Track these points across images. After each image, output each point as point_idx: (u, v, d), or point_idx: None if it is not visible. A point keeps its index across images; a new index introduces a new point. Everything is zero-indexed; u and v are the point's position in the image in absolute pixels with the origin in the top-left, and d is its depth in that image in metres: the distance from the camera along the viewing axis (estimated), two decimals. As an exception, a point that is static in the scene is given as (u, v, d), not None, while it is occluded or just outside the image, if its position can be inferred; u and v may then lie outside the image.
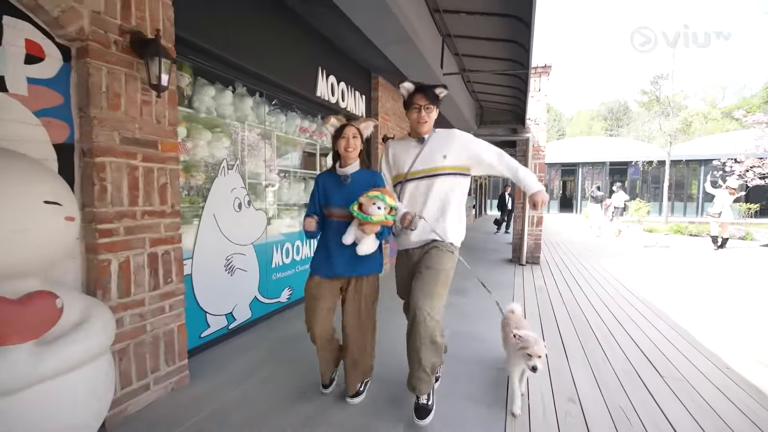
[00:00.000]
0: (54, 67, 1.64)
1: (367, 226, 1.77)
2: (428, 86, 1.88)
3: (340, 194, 1.92)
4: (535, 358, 1.78)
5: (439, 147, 1.92)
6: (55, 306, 1.27)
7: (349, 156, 1.91)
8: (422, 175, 1.92)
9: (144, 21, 1.88)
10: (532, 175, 1.92)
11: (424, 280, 1.82)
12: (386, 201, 1.75)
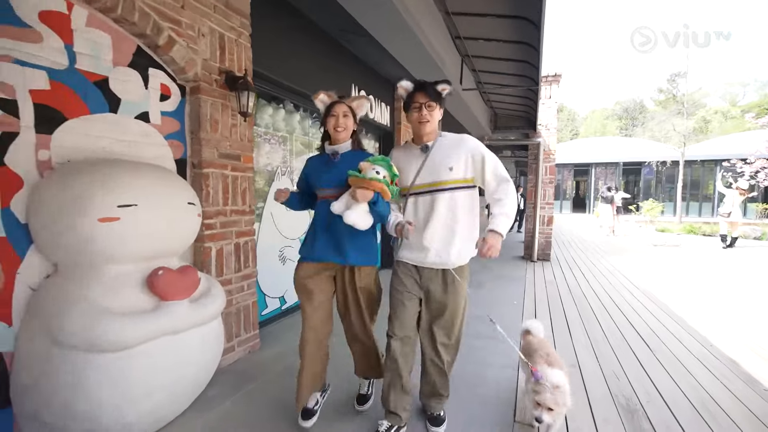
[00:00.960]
0: (175, 102, 2.18)
1: (359, 190, 1.52)
2: (429, 83, 1.67)
3: (329, 174, 1.72)
4: (543, 409, 1.49)
5: (445, 157, 1.66)
6: (197, 276, 1.80)
7: (338, 136, 1.72)
8: (426, 189, 1.68)
9: (234, 62, 2.42)
10: (507, 219, 1.61)
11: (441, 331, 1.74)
12: (390, 169, 1.58)
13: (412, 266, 1.74)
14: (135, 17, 1.82)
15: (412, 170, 1.71)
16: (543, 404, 1.50)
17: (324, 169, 1.75)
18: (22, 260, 1.55)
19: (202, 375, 1.90)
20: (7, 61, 1.48)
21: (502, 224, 1.58)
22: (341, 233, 1.67)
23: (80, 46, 1.70)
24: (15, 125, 1.51)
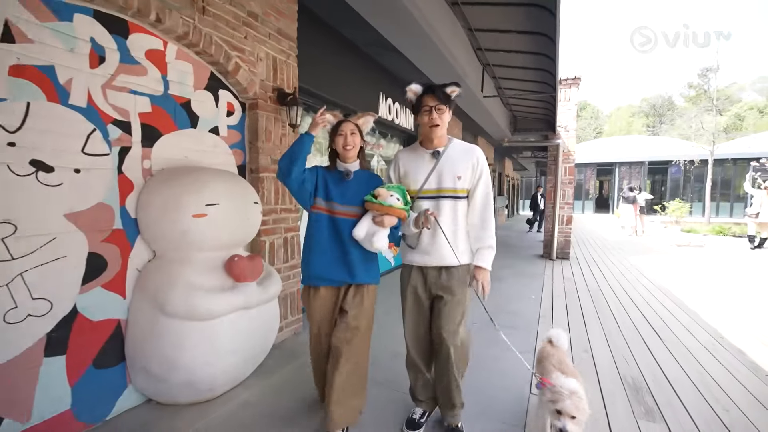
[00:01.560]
0: (238, 116, 2.58)
1: (386, 217, 1.62)
2: (438, 86, 1.66)
3: (342, 192, 1.73)
4: (567, 417, 1.36)
5: (454, 166, 1.69)
6: (262, 263, 2.18)
7: (348, 154, 1.74)
8: (435, 194, 1.71)
9: (284, 80, 2.80)
10: (491, 252, 1.69)
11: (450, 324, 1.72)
12: (404, 195, 1.66)
13: (418, 268, 1.78)
14: (212, 49, 2.22)
15: (422, 174, 1.72)
16: (565, 412, 1.35)
17: (337, 185, 1.74)
18: (132, 248, 1.96)
19: (264, 345, 2.28)
20: (125, 92, 1.89)
21: (487, 258, 1.66)
22: (352, 253, 1.70)
23: (172, 75, 2.11)
24: (128, 141, 1.92)
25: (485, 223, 1.70)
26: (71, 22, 1.66)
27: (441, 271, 1.74)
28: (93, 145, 1.77)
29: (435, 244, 1.70)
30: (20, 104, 1.52)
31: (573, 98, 6.54)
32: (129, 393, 1.98)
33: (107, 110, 1.82)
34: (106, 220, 1.84)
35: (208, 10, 2.18)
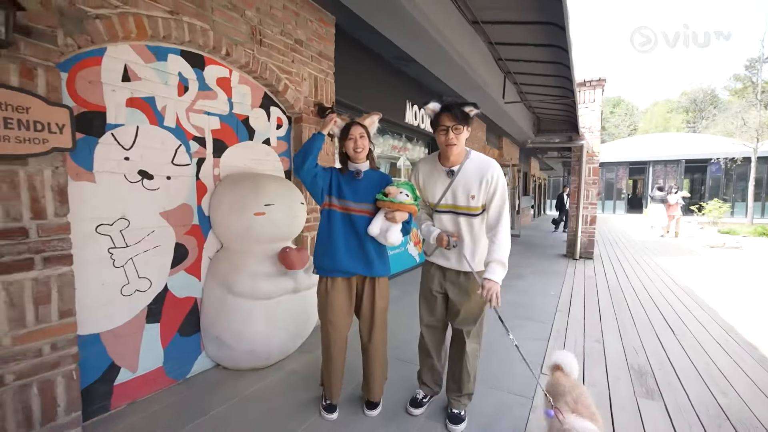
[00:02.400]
0: (285, 129, 2.99)
1: (398, 213, 1.76)
2: (455, 104, 1.67)
3: (353, 190, 1.87)
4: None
5: (468, 185, 1.74)
6: (308, 254, 2.58)
7: (358, 157, 1.86)
8: (450, 209, 1.82)
9: (323, 96, 3.19)
10: (502, 268, 1.69)
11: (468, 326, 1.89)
12: (412, 190, 1.80)
13: (438, 266, 1.92)
14: (266, 74, 2.64)
15: (438, 190, 1.82)
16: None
17: (349, 184, 1.87)
18: (206, 239, 2.40)
19: (307, 326, 2.68)
20: (202, 113, 2.33)
21: (498, 273, 1.66)
22: (369, 248, 1.85)
23: (235, 97, 2.54)
24: (204, 153, 2.36)
25: (497, 237, 1.70)
26: (166, 61, 2.12)
27: (459, 274, 1.87)
28: (179, 157, 2.22)
29: (454, 253, 1.83)
30: (132, 127, 1.98)
31: (597, 100, 6.61)
32: (202, 358, 2.43)
33: (189, 129, 2.27)
34: (187, 217, 2.29)
35: (264, 41, 2.59)
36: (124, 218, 1.97)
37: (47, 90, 1.55)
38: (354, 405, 2.09)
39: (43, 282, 1.58)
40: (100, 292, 1.89)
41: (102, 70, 1.85)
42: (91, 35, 1.71)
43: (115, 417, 1.94)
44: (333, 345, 1.92)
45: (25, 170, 1.51)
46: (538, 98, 5.79)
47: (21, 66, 1.48)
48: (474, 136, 7.15)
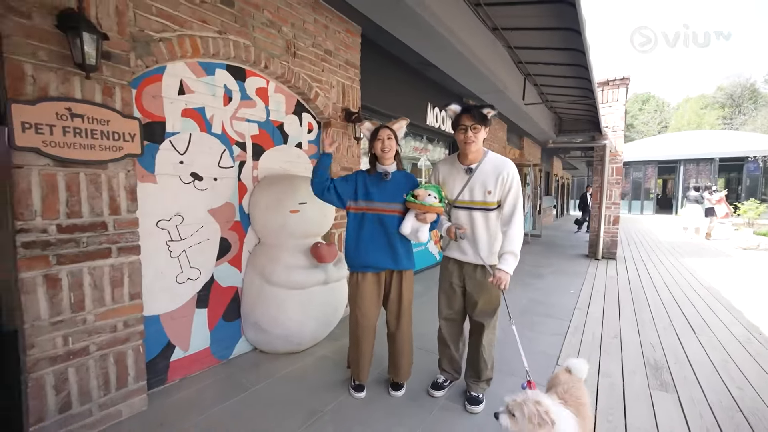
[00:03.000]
0: (315, 133, 3.23)
1: (427, 214, 1.91)
2: (474, 106, 1.83)
3: (381, 191, 2.01)
4: (506, 411, 1.36)
5: (485, 180, 1.89)
6: (336, 249, 2.79)
7: (385, 156, 2.00)
8: (468, 205, 1.96)
9: (350, 101, 3.41)
10: (514, 259, 1.85)
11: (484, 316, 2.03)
12: (439, 192, 1.94)
13: (456, 261, 2.07)
14: (299, 83, 2.87)
15: (456, 187, 1.97)
16: (508, 407, 1.36)
17: (376, 185, 2.00)
18: (246, 234, 2.66)
19: (336, 316, 2.89)
20: (243, 121, 2.58)
21: (509, 264, 1.83)
22: (397, 244, 2.00)
23: (271, 105, 2.79)
24: (244, 157, 2.61)
25: (511, 231, 1.87)
26: (214, 75, 2.38)
27: (476, 268, 2.00)
28: (224, 161, 2.47)
29: (470, 247, 1.98)
30: (186, 135, 2.25)
31: (621, 99, 6.55)
32: (242, 342, 2.68)
33: (233, 135, 2.52)
34: (230, 214, 2.55)
35: (297, 53, 2.83)
36: (179, 215, 2.24)
37: (122, 105, 1.82)
38: (380, 387, 2.28)
39: (118, 268, 1.85)
40: (159, 279, 2.16)
41: (163, 86, 2.12)
42: (156, 56, 1.97)
43: (171, 389, 2.21)
44: (362, 331, 2.10)
45: (106, 173, 1.79)
46: (559, 99, 5.82)
47: (103, 85, 1.75)
48: (494, 136, 7.22)
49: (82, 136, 1.67)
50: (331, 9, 3.09)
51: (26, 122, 1.51)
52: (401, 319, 2.13)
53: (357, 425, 1.92)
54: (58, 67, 1.61)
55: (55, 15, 1.57)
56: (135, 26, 1.87)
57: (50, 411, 1.66)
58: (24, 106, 1.51)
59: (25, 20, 1.51)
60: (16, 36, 1.49)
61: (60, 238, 1.66)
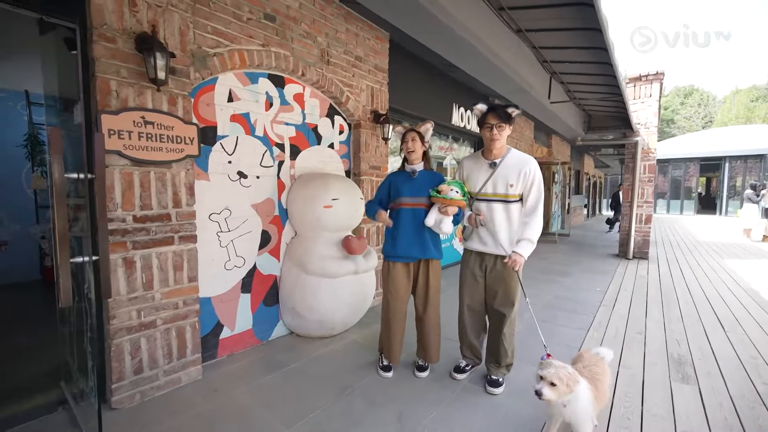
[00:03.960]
0: (346, 134, 3.45)
1: (449, 207, 2.05)
2: (500, 106, 1.98)
3: (410, 187, 2.23)
4: (546, 382, 1.48)
5: (508, 174, 2.03)
6: (366, 242, 3.00)
7: (411, 157, 2.24)
8: (491, 198, 2.08)
9: (378, 104, 3.61)
10: (531, 245, 2.00)
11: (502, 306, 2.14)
12: (462, 188, 2.08)
13: (477, 252, 2.21)
14: (332, 88, 3.10)
15: (480, 180, 2.11)
16: (546, 378, 1.47)
17: (406, 183, 2.25)
18: (284, 227, 2.92)
19: (365, 304, 3.10)
20: (282, 124, 2.84)
21: (525, 248, 1.98)
22: (425, 236, 2.21)
23: (307, 109, 3.04)
24: (283, 157, 2.87)
25: (531, 221, 2.01)
26: (257, 84, 2.64)
27: (496, 259, 2.12)
28: (265, 160, 2.74)
29: (490, 237, 2.11)
30: (233, 138, 2.53)
31: (654, 94, 6.37)
32: (279, 326, 2.95)
33: (273, 137, 2.78)
34: (271, 209, 2.81)
35: (330, 61, 3.06)
36: (227, 209, 2.52)
37: (183, 112, 2.11)
38: (407, 369, 2.46)
39: (179, 254, 2.14)
40: (210, 266, 2.45)
41: (215, 95, 2.40)
42: (210, 69, 2.25)
43: (219, 363, 2.50)
44: (393, 314, 2.30)
45: (170, 172, 2.08)
46: (587, 97, 5.77)
47: (169, 96, 2.04)
48: (521, 135, 7.21)
49: (152, 140, 1.96)
50: (362, 18, 3.30)
51: (111, 129, 1.81)
52: (428, 304, 2.31)
53: (383, 398, 2.11)
54: (135, 82, 1.90)
55: (134, 39, 1.87)
56: (194, 44, 2.15)
57: (127, 372, 1.96)
58: (110, 116, 1.81)
59: (112, 44, 1.81)
60: (104, 58, 1.79)
61: (135, 227, 1.96)
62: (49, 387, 2.12)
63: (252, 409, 2.00)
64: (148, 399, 2.04)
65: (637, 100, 6.52)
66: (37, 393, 2.07)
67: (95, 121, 1.79)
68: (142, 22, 1.92)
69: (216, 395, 2.13)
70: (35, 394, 2.06)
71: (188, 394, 2.12)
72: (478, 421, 1.93)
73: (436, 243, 2.30)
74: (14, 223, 4.38)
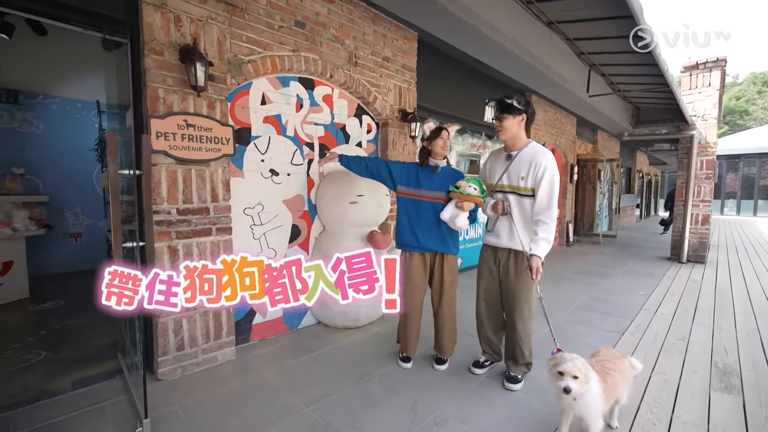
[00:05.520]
0: (374, 133, 3.56)
1: (465, 203, 2.11)
2: (500, 98, 2.05)
3: (431, 182, 2.28)
4: (569, 377, 1.46)
5: (521, 167, 2.04)
6: (390, 237, 3.08)
7: (442, 154, 2.30)
8: (506, 189, 2.12)
9: (406, 102, 3.68)
10: (547, 244, 1.95)
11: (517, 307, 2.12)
12: (480, 185, 2.11)
13: (492, 247, 2.23)
14: (360, 89, 3.22)
15: (498, 172, 2.16)
16: (567, 372, 1.46)
17: (427, 177, 2.29)
18: (312, 222, 3.08)
19: (389, 297, 3.18)
20: (311, 124, 3.00)
21: (542, 248, 1.93)
22: (442, 229, 2.25)
23: (336, 109, 3.18)
24: (312, 155, 3.03)
25: (544, 218, 1.96)
26: (288, 87, 2.82)
27: (510, 254, 2.13)
28: (296, 159, 2.91)
29: (504, 230, 2.12)
30: (266, 138, 2.72)
31: (714, 83, 5.82)
32: (307, 316, 3.11)
33: (303, 137, 2.95)
34: (300, 205, 2.98)
35: (358, 62, 3.18)
36: (260, 204, 2.72)
37: (221, 115, 2.32)
38: (425, 361, 2.51)
39: (216, 244, 2.36)
40: (245, 256, 2.65)
41: (249, 98, 2.60)
42: (245, 75, 2.45)
43: (252, 347, 2.71)
44: (409, 305, 2.34)
45: (209, 169, 2.29)
46: (632, 88, 5.42)
47: (208, 101, 2.26)
48: (562, 130, 6.91)
49: (194, 140, 2.18)
50: (390, 19, 3.38)
51: (159, 131, 2.05)
52: (443, 297, 2.35)
53: (400, 386, 2.18)
54: (179, 89, 2.14)
55: (178, 50, 2.10)
56: (230, 52, 2.36)
57: (171, 348, 2.21)
58: (157, 120, 2.05)
59: (160, 57, 2.05)
60: (154, 69, 2.03)
61: (178, 219, 2.19)
62: (110, 357, 2.44)
63: (278, 389, 2.16)
64: (188, 373, 2.28)
65: (693, 90, 6.00)
66: (102, 361, 2.39)
67: (146, 125, 2.04)
68: (185, 35, 2.14)
69: (247, 374, 2.32)
70: (100, 362, 2.38)
71: (223, 372, 2.34)
72: (492, 414, 1.94)
73: (453, 238, 2.34)
74: (87, 218, 4.99)
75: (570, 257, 6.46)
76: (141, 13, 2.00)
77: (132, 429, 1.72)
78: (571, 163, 7.44)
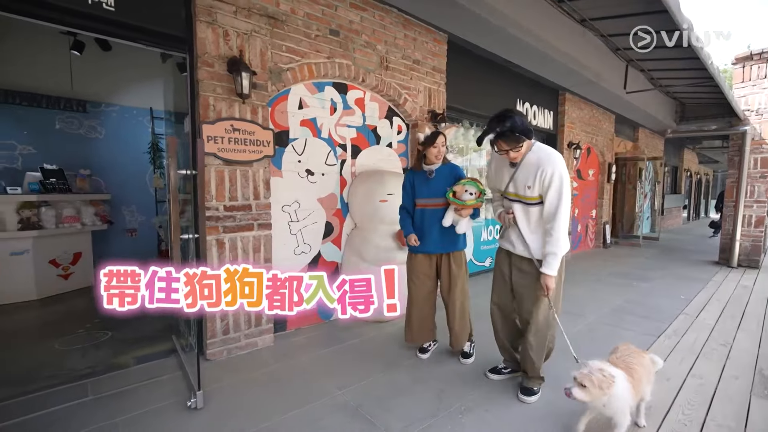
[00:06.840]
0: (404, 134, 3.67)
1: (464, 210, 2.12)
2: (506, 132, 1.79)
3: (427, 188, 2.31)
4: (576, 384, 1.49)
5: (527, 176, 1.90)
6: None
7: (436, 160, 2.31)
8: (513, 197, 2.01)
9: (435, 104, 3.76)
10: (556, 260, 1.85)
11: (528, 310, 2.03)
12: (477, 187, 2.07)
13: (506, 251, 2.13)
14: (391, 92, 3.34)
15: (504, 179, 2.02)
16: (577, 379, 1.49)
17: (424, 183, 2.33)
18: (345, 220, 3.24)
19: (418, 293, 3.27)
20: (344, 126, 3.16)
21: (551, 266, 1.85)
22: (448, 233, 2.30)
23: (367, 112, 3.32)
24: (345, 156, 3.19)
25: (552, 230, 1.84)
26: (323, 92, 3.00)
27: (523, 260, 2.02)
28: (330, 159, 3.09)
29: (515, 238, 2.04)
30: (302, 140, 2.91)
31: (770, 75, 5.43)
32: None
33: (336, 138, 3.12)
34: (334, 203, 3.15)
35: (389, 66, 3.30)
36: (297, 201, 2.91)
37: (262, 120, 2.52)
38: (453, 356, 2.58)
39: (257, 239, 2.57)
40: (282, 250, 2.85)
41: (288, 103, 2.80)
42: (284, 82, 2.65)
43: (289, 335, 2.90)
44: (414, 299, 2.47)
45: (251, 170, 2.50)
46: (675, 83, 5.17)
47: (251, 107, 2.47)
48: (598, 128, 6.68)
49: (239, 143, 2.40)
50: (420, 23, 3.48)
51: (209, 135, 2.28)
52: (452, 290, 2.41)
53: (426, 377, 2.28)
54: (227, 97, 2.36)
55: (226, 62, 2.31)
56: (272, 62, 2.56)
57: (218, 332, 2.43)
58: (208, 125, 2.27)
59: (210, 68, 2.28)
60: (206, 80, 2.26)
61: (225, 214, 2.41)
62: (165, 339, 2.71)
63: (313, 373, 2.33)
64: (232, 356, 2.50)
65: (747, 82, 5.62)
66: (159, 342, 2.68)
67: (198, 130, 2.27)
68: (232, 48, 2.36)
69: (284, 359, 2.51)
70: (158, 342, 2.67)
71: (263, 356, 2.54)
72: (516, 405, 1.99)
73: (457, 237, 2.36)
74: (140, 215, 5.46)
75: (607, 259, 6.24)
76: (195, 30, 2.24)
77: (187, 400, 1.93)
78: (608, 162, 7.17)
